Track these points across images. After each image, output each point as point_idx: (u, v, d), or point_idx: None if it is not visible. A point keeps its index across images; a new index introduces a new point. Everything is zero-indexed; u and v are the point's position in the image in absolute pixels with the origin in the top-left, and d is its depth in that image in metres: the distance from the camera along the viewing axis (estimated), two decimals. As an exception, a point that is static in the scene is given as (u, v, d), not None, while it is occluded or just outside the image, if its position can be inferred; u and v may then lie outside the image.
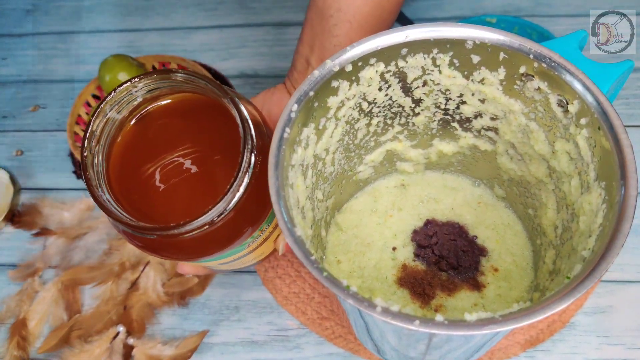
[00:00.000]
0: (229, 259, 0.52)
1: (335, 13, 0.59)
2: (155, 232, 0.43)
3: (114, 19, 1.00)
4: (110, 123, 0.47)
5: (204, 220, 0.43)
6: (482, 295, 0.56)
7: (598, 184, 0.44)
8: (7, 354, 0.68)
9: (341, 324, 0.67)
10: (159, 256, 0.49)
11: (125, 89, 0.47)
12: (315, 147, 0.50)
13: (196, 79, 0.46)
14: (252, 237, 0.49)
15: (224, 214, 0.44)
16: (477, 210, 0.61)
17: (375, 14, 0.60)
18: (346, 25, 0.59)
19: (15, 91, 0.93)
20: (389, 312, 0.36)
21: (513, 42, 0.46)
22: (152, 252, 0.47)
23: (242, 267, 0.58)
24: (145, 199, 0.48)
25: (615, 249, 0.38)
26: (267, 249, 0.56)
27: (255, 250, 0.54)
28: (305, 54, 0.62)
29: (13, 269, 0.75)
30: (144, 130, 0.49)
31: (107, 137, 0.47)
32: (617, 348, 0.64)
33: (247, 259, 0.55)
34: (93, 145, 0.45)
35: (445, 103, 0.55)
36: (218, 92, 0.45)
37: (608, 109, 0.43)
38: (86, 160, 0.44)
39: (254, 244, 0.52)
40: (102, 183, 0.45)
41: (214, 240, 0.46)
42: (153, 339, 0.68)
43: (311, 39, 0.62)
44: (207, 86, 0.46)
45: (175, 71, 0.46)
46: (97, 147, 0.46)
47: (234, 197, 0.44)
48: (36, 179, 0.84)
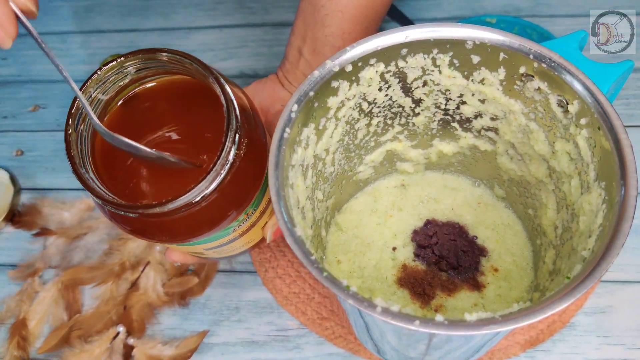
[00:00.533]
0: (215, 243, 0.51)
1: (327, 3, 0.59)
2: (137, 210, 0.42)
3: (114, 19, 1.00)
4: (95, 103, 0.46)
5: (186, 199, 0.42)
6: (482, 295, 0.56)
7: (598, 184, 0.44)
8: (7, 354, 0.68)
9: (341, 324, 0.67)
10: (144, 238, 0.48)
11: (110, 68, 0.46)
12: (315, 147, 0.50)
13: (182, 58, 0.45)
14: (237, 220, 0.49)
15: (206, 194, 0.43)
16: (477, 210, 0.61)
17: (367, 4, 0.60)
18: (338, 15, 0.59)
19: (15, 91, 0.93)
20: (389, 312, 0.36)
21: (513, 43, 0.46)
22: (137, 234, 0.47)
23: (232, 254, 0.58)
24: (131, 180, 0.48)
25: (615, 249, 0.38)
26: (256, 236, 0.56)
27: (243, 235, 0.53)
28: (297, 45, 0.62)
29: (13, 269, 0.75)
30: (131, 112, 0.49)
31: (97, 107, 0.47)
32: (617, 348, 0.64)
33: (235, 244, 0.54)
34: (79, 124, 0.45)
35: (445, 103, 0.55)
36: (203, 71, 0.45)
37: (608, 109, 0.43)
38: (70, 138, 0.44)
39: (240, 229, 0.51)
40: (86, 163, 0.45)
41: (198, 221, 0.46)
42: (153, 339, 0.68)
43: (303, 30, 0.62)
44: (193, 65, 0.45)
45: (160, 50, 0.46)
46: (83, 126, 0.45)
47: (216, 177, 0.43)
48: (36, 179, 0.84)
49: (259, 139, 0.48)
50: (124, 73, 0.47)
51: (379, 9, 0.62)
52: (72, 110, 0.44)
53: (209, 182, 0.43)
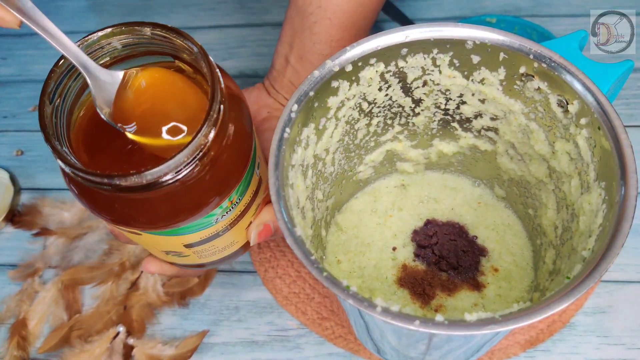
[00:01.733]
0: (197, 236, 0.49)
1: (316, 10, 0.59)
2: (114, 180, 0.39)
3: (114, 19, 1.00)
4: (74, 78, 0.45)
5: (167, 168, 0.39)
6: (482, 295, 0.56)
7: (598, 184, 0.44)
8: (7, 354, 0.68)
9: (341, 324, 0.67)
10: (122, 225, 0.46)
11: (90, 40, 0.44)
12: (315, 147, 0.51)
13: (166, 32, 0.43)
14: (220, 207, 0.47)
15: (187, 166, 0.40)
16: (477, 210, 0.61)
17: (356, 10, 0.60)
18: (326, 22, 0.59)
19: (15, 91, 0.93)
20: (389, 312, 0.36)
21: (513, 42, 0.46)
22: (116, 221, 0.45)
23: (215, 260, 0.55)
24: (110, 166, 0.46)
25: (616, 249, 0.38)
26: (239, 236, 0.53)
27: (227, 232, 0.51)
28: (284, 53, 0.62)
29: (13, 269, 0.75)
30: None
31: (70, 93, 0.45)
32: (617, 348, 0.64)
33: (218, 243, 0.52)
34: (54, 97, 0.43)
35: (445, 103, 0.55)
36: (189, 44, 0.43)
37: (608, 109, 0.43)
38: (45, 110, 0.42)
39: (224, 221, 0.49)
40: (61, 138, 0.42)
41: (179, 202, 0.44)
42: (153, 339, 0.68)
43: (290, 37, 0.61)
44: (177, 40, 0.43)
45: (144, 24, 0.44)
46: (59, 101, 0.43)
47: (198, 149, 0.40)
48: (36, 179, 0.84)
49: (245, 128, 0.47)
50: (105, 49, 0.45)
51: (369, 15, 0.62)
52: (46, 81, 0.43)
53: (190, 150, 0.40)
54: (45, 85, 0.43)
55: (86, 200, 0.45)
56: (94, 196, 0.44)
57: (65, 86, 0.44)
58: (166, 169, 0.40)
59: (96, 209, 0.45)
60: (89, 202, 0.45)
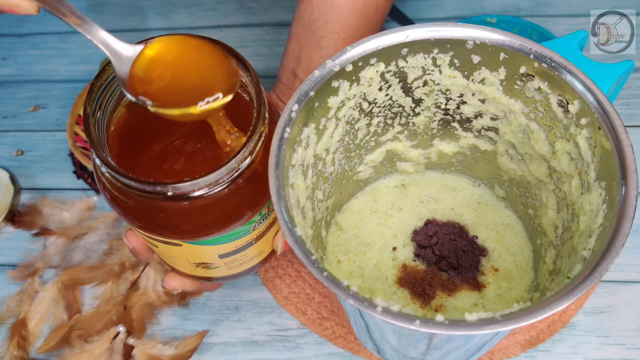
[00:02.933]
0: (232, 246, 0.50)
1: (323, 25, 0.60)
2: (167, 187, 0.40)
3: (114, 19, 1.00)
4: (111, 92, 0.45)
5: (216, 176, 0.41)
6: (483, 295, 0.56)
7: (598, 184, 0.44)
8: (7, 354, 0.67)
9: (341, 324, 0.67)
10: (162, 235, 0.46)
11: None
12: (315, 147, 0.50)
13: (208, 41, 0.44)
14: (260, 214, 0.48)
15: (235, 175, 0.42)
16: (477, 210, 0.61)
17: (362, 24, 0.61)
18: (334, 36, 0.60)
19: (15, 91, 0.93)
20: (389, 312, 0.36)
21: (514, 42, 0.46)
22: (149, 229, 0.45)
23: (241, 271, 0.56)
24: (146, 170, 0.47)
25: (616, 249, 0.38)
26: (266, 246, 0.55)
27: (257, 242, 0.52)
28: (291, 67, 0.63)
29: (13, 269, 0.75)
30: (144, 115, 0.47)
31: (112, 99, 0.46)
32: (617, 348, 0.64)
33: (248, 253, 0.53)
34: (96, 110, 0.43)
35: (446, 103, 0.55)
36: (234, 56, 0.44)
37: (609, 109, 0.43)
38: (89, 121, 0.42)
39: (260, 228, 0.50)
40: (105, 148, 0.43)
41: (226, 209, 0.45)
42: (153, 339, 0.68)
43: (297, 51, 0.62)
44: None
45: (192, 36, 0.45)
46: (99, 114, 0.44)
47: (244, 160, 0.42)
48: (36, 179, 0.84)
49: None
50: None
51: (373, 28, 0.63)
52: (92, 93, 0.43)
53: (244, 156, 0.41)
54: (88, 97, 0.43)
55: (125, 210, 0.45)
56: (137, 207, 0.44)
57: (104, 99, 0.45)
58: (214, 178, 0.41)
59: (136, 219, 0.45)
60: (130, 210, 0.45)
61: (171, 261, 0.54)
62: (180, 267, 0.55)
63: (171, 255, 0.52)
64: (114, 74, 0.44)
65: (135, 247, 0.54)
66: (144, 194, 0.41)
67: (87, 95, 0.44)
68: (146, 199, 0.42)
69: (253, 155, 0.43)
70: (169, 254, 0.51)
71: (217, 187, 0.42)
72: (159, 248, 0.50)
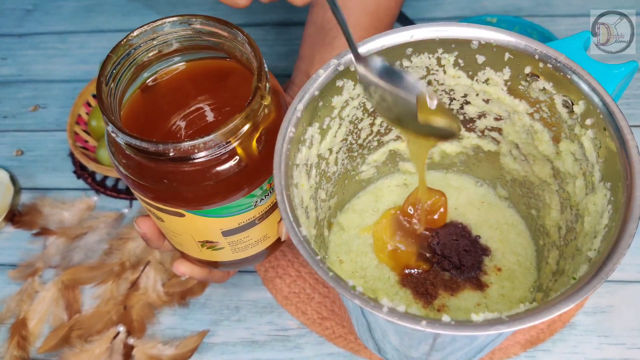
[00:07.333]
0: (235, 221, 0.50)
1: (335, 26, 0.61)
2: (168, 146, 0.41)
3: (114, 19, 1.00)
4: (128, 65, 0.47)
5: (215, 138, 0.41)
6: (485, 295, 0.56)
7: (603, 184, 0.44)
8: (7, 353, 0.67)
9: (341, 323, 0.67)
10: (163, 201, 0.47)
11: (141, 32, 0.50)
12: (319, 146, 0.50)
13: (215, 23, 0.50)
14: (261, 188, 0.48)
15: (239, 135, 0.43)
16: (480, 210, 0.61)
17: (373, 25, 0.62)
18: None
19: (15, 91, 0.93)
20: (395, 313, 0.36)
21: (519, 43, 0.47)
22: (157, 198, 0.46)
23: (247, 256, 0.56)
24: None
25: (621, 249, 0.38)
26: (271, 230, 0.54)
27: (261, 222, 0.52)
28: (305, 69, 0.64)
29: (13, 269, 0.75)
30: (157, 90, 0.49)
31: (125, 77, 0.47)
32: (617, 348, 0.64)
33: (252, 234, 0.52)
34: (109, 81, 0.45)
35: (449, 103, 0.55)
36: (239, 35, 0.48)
37: (614, 109, 0.43)
38: (102, 87, 0.44)
39: (262, 205, 0.50)
40: (117, 116, 0.45)
41: (227, 177, 0.45)
42: (153, 339, 0.68)
43: (311, 53, 0.64)
44: (226, 29, 0.49)
45: (193, 16, 0.50)
46: (113, 85, 0.45)
47: (243, 126, 0.43)
48: (36, 179, 0.83)
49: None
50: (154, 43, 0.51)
51: (383, 29, 0.64)
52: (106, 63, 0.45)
53: (242, 120, 0.42)
54: (102, 68, 0.45)
55: (133, 174, 0.46)
56: (142, 171, 0.45)
57: (119, 72, 0.46)
58: (217, 138, 0.41)
59: (142, 185, 0.46)
60: (137, 176, 0.46)
61: (178, 241, 0.54)
62: (187, 248, 0.55)
63: (177, 232, 0.52)
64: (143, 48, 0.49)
65: (146, 232, 0.54)
66: (148, 155, 0.43)
67: (102, 66, 0.45)
68: (151, 162, 0.44)
69: (252, 122, 0.43)
70: (175, 230, 0.52)
71: (217, 152, 0.42)
72: (165, 222, 0.50)
